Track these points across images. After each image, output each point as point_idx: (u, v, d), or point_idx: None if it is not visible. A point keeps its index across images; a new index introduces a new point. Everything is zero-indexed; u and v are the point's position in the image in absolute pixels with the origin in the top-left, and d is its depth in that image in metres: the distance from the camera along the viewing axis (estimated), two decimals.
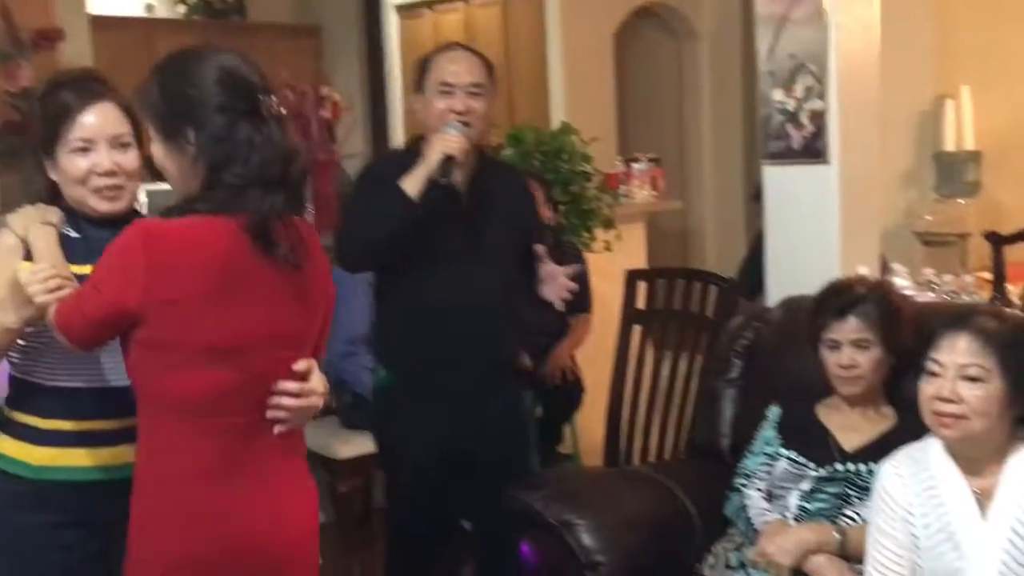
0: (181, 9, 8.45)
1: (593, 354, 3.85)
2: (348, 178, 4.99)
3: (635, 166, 5.51)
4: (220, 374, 1.71)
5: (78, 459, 1.89)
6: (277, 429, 1.78)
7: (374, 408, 2.87)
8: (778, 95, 3.07)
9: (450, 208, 2.62)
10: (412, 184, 2.51)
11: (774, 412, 2.56)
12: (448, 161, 2.51)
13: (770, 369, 2.76)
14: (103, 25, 6.72)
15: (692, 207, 7.47)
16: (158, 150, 1.77)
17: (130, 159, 1.93)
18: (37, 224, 1.88)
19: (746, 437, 2.62)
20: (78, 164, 1.90)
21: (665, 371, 3.40)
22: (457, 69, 2.61)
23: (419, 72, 2.67)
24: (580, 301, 3.49)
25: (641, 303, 3.52)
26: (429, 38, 7.76)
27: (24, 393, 1.93)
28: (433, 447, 2.68)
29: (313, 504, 1.90)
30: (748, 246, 4.62)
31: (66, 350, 1.79)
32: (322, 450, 3.68)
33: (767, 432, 2.54)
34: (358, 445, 3.64)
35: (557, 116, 6.19)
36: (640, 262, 4.84)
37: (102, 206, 1.92)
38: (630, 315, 3.47)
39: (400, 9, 7.94)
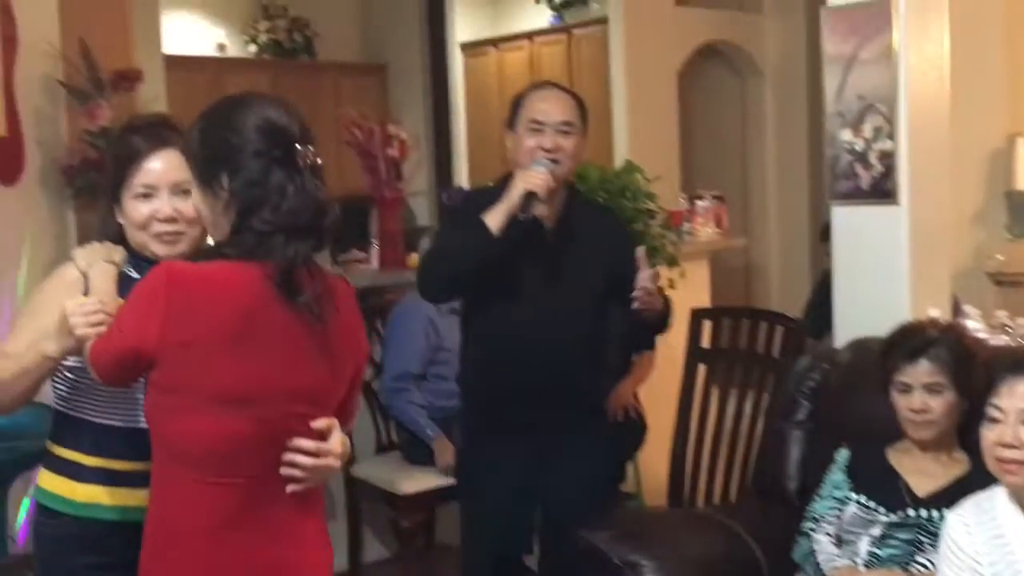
0: (252, 49, 8.62)
1: (657, 392, 3.82)
2: (413, 215, 5.08)
3: (699, 203, 5.49)
4: (230, 424, 1.66)
5: (119, 498, 1.88)
6: (290, 488, 1.71)
7: (457, 439, 2.90)
8: (846, 135, 3.05)
9: (536, 243, 2.65)
10: (494, 219, 2.54)
11: (843, 455, 2.53)
12: (530, 197, 2.54)
13: (838, 411, 2.73)
14: (176, 65, 6.91)
15: (756, 245, 7.43)
16: (195, 194, 1.78)
17: (191, 206, 1.91)
18: (100, 261, 1.91)
19: (814, 480, 2.59)
20: (140, 209, 1.94)
21: (730, 411, 3.37)
22: (547, 107, 2.65)
23: (512, 109, 2.72)
24: (644, 338, 3.49)
25: (706, 342, 3.50)
26: (493, 76, 7.86)
27: (68, 428, 1.94)
28: (509, 481, 2.70)
29: (326, 566, 1.83)
30: (814, 285, 4.58)
31: (108, 387, 1.80)
32: (385, 485, 3.71)
33: (836, 475, 2.50)
34: (421, 481, 3.66)
35: (621, 154, 6.20)
36: (704, 300, 4.82)
37: (161, 250, 1.94)
38: (695, 354, 3.45)
39: (465, 47, 8.04)
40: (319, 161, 1.73)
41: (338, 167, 8.18)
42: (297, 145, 1.71)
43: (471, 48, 8.02)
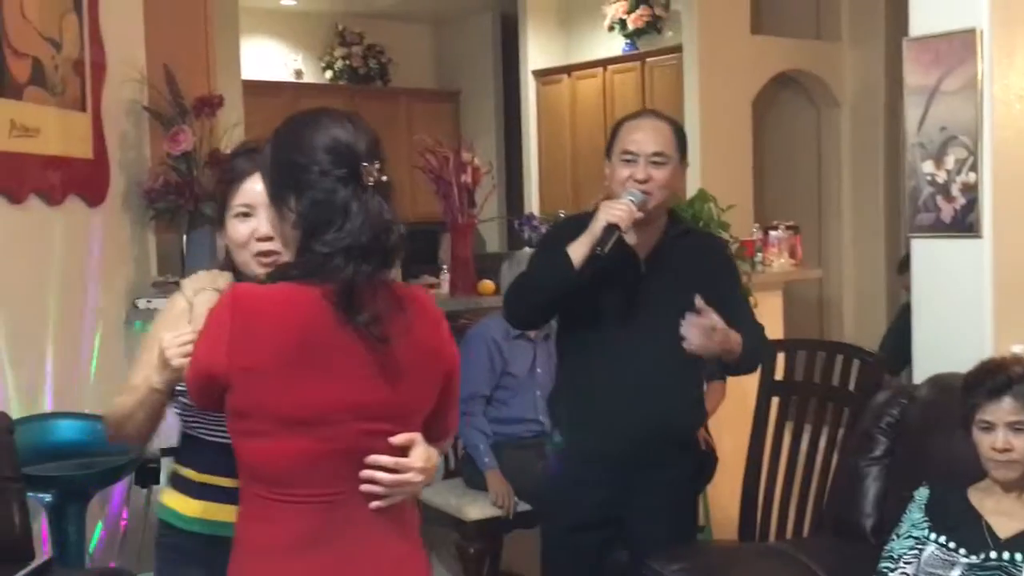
0: (328, 75, 8.78)
1: (728, 425, 3.78)
2: (483, 242, 5.11)
3: (772, 234, 5.43)
4: (301, 444, 1.66)
5: (224, 515, 1.91)
6: (373, 504, 1.70)
7: (546, 465, 2.90)
8: (928, 167, 3.00)
9: (628, 273, 2.64)
10: (576, 250, 2.54)
11: (922, 494, 2.47)
12: (611, 230, 2.52)
13: (917, 448, 2.67)
14: (255, 90, 7.06)
15: (830, 276, 7.32)
16: (270, 213, 1.79)
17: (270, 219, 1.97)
18: (206, 289, 1.96)
19: (891, 518, 2.53)
20: (240, 229, 1.99)
21: (803, 445, 3.31)
22: (640, 137, 2.63)
23: (609, 138, 2.72)
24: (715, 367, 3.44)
25: (779, 374, 3.44)
26: (566, 103, 7.89)
27: (186, 448, 2.02)
28: (591, 509, 2.70)
29: None
30: (892, 319, 4.50)
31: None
32: (452, 511, 3.71)
33: (914, 514, 2.44)
34: (487, 507, 3.65)
35: (693, 182, 6.17)
36: (777, 331, 4.75)
37: (260, 270, 1.98)
38: (768, 386, 3.40)
39: (538, 74, 8.08)
40: (386, 178, 1.71)
41: (411, 192, 8.31)
42: (363, 163, 1.69)
43: (544, 75, 8.06)
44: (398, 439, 1.70)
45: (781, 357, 3.40)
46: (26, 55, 3.20)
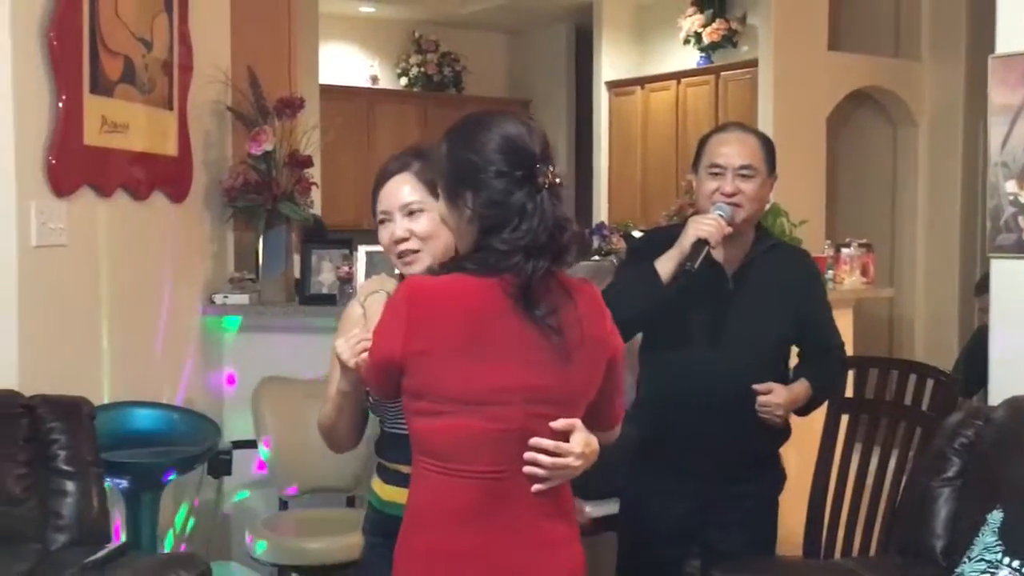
0: (403, 81, 8.88)
1: (794, 441, 3.73)
2: None
3: (844, 251, 5.37)
4: (470, 423, 1.75)
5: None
6: (534, 487, 1.79)
7: (626, 478, 2.91)
8: (1011, 187, 2.95)
9: (715, 288, 2.62)
10: (665, 265, 2.54)
11: (996, 517, 2.43)
12: (700, 245, 2.51)
13: (992, 471, 2.62)
14: (331, 94, 7.18)
15: (902, 296, 7.23)
16: (442, 207, 1.87)
17: (421, 224, 2.06)
18: (377, 292, 2.09)
19: (963, 541, 2.49)
20: (382, 234, 2.11)
21: (873, 463, 3.27)
22: (727, 151, 2.62)
23: (696, 151, 2.71)
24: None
25: (850, 391, 3.40)
26: (638, 115, 7.89)
27: (382, 439, 2.14)
28: (670, 523, 2.70)
29: (571, 568, 1.87)
30: (968, 340, 4.42)
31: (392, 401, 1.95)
32: None
33: (987, 538, 2.41)
34: None
35: None
36: (847, 349, 4.69)
37: (403, 269, 2.10)
38: (838, 404, 3.37)
39: (611, 85, 8.10)
40: (559, 180, 1.78)
41: None
42: (539, 165, 1.76)
43: (617, 87, 8.07)
44: (559, 424, 1.79)
45: (852, 375, 3.36)
46: (118, 54, 3.29)
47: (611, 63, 8.08)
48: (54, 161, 2.99)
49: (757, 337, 2.65)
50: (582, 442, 1.81)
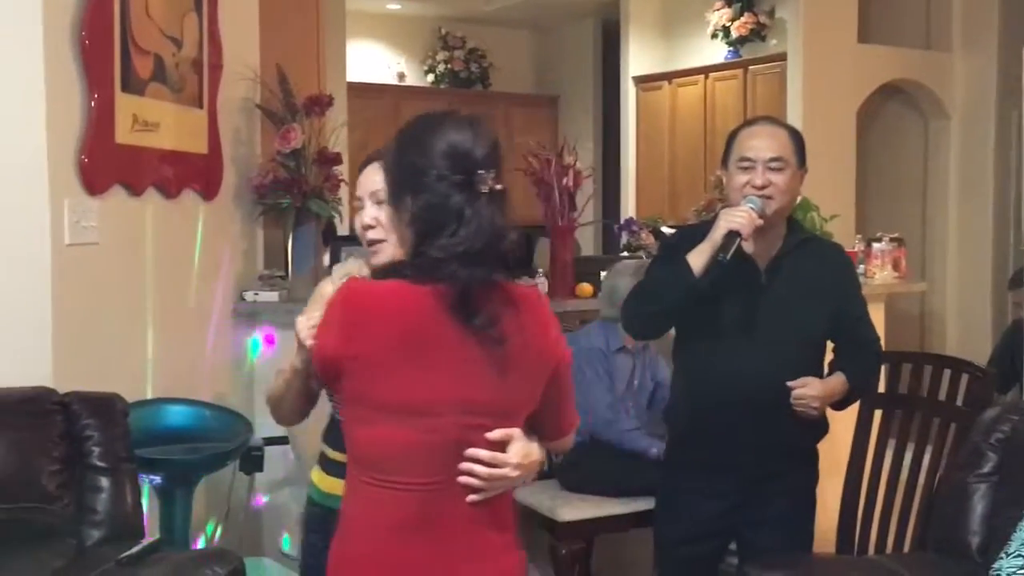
0: (430, 78, 8.88)
1: (827, 437, 3.71)
2: (579, 246, 5.13)
3: (876, 245, 5.31)
4: (403, 433, 1.71)
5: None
6: (470, 498, 1.74)
7: (659, 478, 2.90)
8: None
9: (748, 282, 2.61)
10: (697, 258, 2.53)
11: None
12: (732, 236, 2.50)
13: None
14: (359, 92, 7.19)
15: (934, 290, 7.16)
16: (388, 210, 1.86)
17: (388, 213, 1.98)
18: (352, 274, 2.03)
19: (999, 537, 2.47)
20: (356, 220, 2.07)
21: (907, 459, 3.24)
22: (757, 144, 2.62)
23: (725, 146, 2.71)
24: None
25: (883, 386, 3.37)
26: (666, 110, 7.85)
27: (329, 427, 2.13)
28: (711, 523, 2.69)
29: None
30: (1002, 335, 4.38)
31: None
32: (545, 511, 3.71)
33: None
34: (580, 508, 3.65)
35: None
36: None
37: (371, 259, 2.05)
38: (871, 399, 3.33)
39: (638, 80, 8.07)
40: (500, 187, 1.73)
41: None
42: (479, 171, 1.72)
43: (644, 82, 8.03)
44: (494, 434, 1.74)
45: (885, 370, 3.33)
46: (149, 52, 3.31)
47: (638, 58, 8.04)
48: (86, 160, 3.02)
49: (791, 332, 2.64)
50: (520, 452, 1.76)
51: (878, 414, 3.36)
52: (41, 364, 2.90)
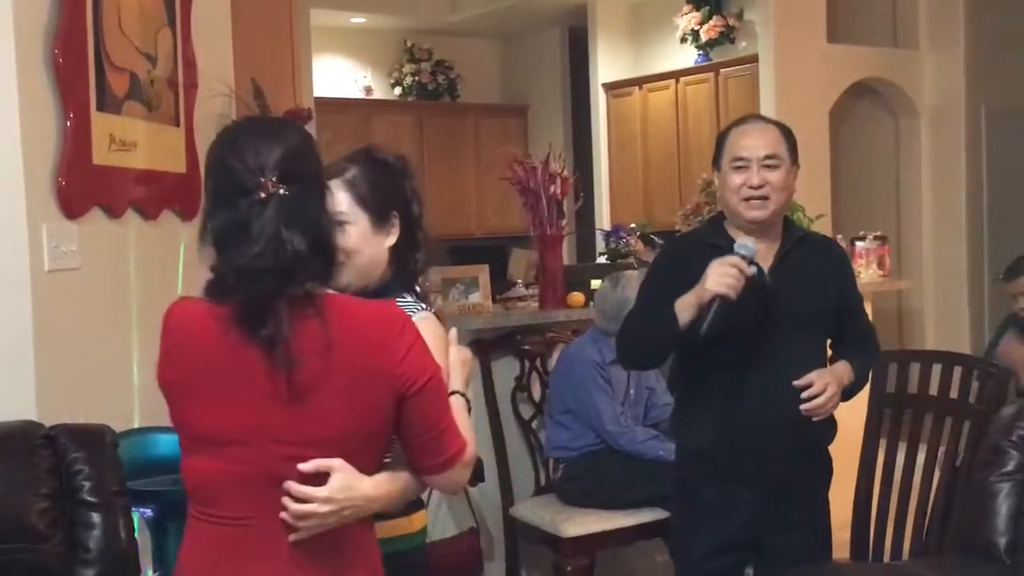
0: (397, 91, 8.79)
1: (837, 439, 3.66)
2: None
3: (860, 244, 5.30)
4: (212, 463, 1.62)
5: None
6: (291, 536, 1.62)
7: (673, 490, 2.82)
8: None
9: (756, 286, 2.54)
10: (683, 313, 2.46)
11: None
12: (719, 305, 2.41)
13: None
14: (326, 107, 7.08)
15: (910, 288, 7.14)
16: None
17: (344, 237, 1.89)
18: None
19: None
20: None
21: (920, 459, 3.19)
22: (750, 143, 2.57)
23: (716, 147, 2.65)
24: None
25: (891, 387, 3.31)
26: (638, 115, 7.82)
27: None
28: (735, 534, 2.62)
29: None
30: (997, 328, 4.36)
31: None
32: (548, 527, 3.64)
33: None
34: (585, 523, 3.58)
35: None
36: None
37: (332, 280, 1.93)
38: (879, 399, 3.28)
39: (608, 87, 8.02)
40: (284, 192, 1.60)
41: (478, 207, 8.27)
42: (260, 178, 1.60)
43: (614, 88, 8.00)
44: (306, 466, 1.60)
45: (893, 369, 3.28)
46: (124, 70, 3.19)
47: (607, 65, 8.00)
48: (64, 182, 2.89)
49: (800, 331, 2.59)
50: (337, 486, 1.60)
51: (887, 414, 3.30)
52: (25, 396, 2.78)
